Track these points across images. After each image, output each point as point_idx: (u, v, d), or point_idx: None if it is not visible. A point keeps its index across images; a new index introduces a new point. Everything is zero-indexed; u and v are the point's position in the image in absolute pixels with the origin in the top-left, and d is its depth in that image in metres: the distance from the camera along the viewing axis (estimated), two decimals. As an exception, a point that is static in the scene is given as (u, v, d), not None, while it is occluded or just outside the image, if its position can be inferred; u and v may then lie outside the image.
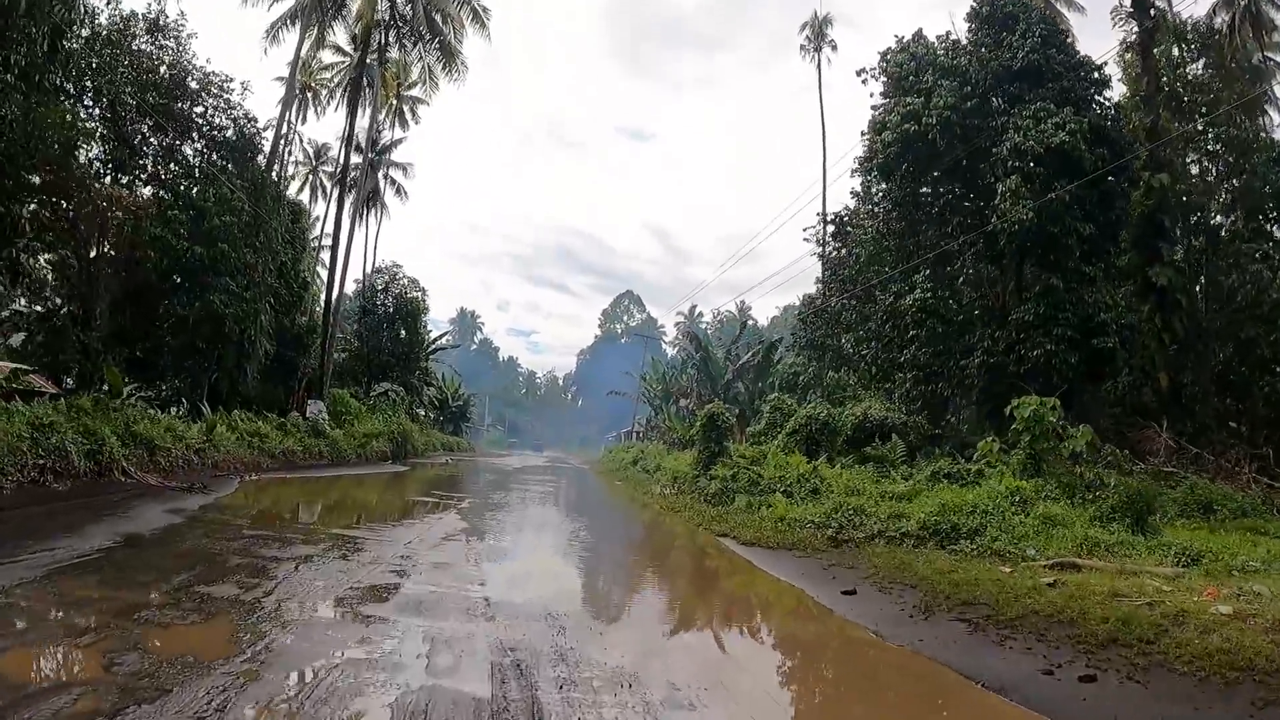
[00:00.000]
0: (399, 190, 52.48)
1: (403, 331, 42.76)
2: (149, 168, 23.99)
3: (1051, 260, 19.53)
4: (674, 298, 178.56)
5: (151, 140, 24.54)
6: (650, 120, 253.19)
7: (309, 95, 52.76)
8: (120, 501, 11.27)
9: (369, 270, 48.57)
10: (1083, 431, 13.21)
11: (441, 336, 57.38)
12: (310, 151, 54.84)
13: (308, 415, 25.47)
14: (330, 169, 47.68)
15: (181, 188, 23.14)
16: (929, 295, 20.67)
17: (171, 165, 24.84)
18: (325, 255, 48.39)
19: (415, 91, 55.96)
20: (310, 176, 54.82)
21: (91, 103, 21.84)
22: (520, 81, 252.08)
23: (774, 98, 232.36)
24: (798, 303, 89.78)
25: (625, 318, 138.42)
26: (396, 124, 55.78)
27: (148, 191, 23.53)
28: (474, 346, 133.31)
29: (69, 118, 18.37)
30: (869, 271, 26.44)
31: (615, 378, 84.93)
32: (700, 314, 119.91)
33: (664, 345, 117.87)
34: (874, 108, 23.13)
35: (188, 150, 25.58)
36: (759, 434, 23.50)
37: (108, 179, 21.81)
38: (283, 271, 32.66)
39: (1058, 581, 7.95)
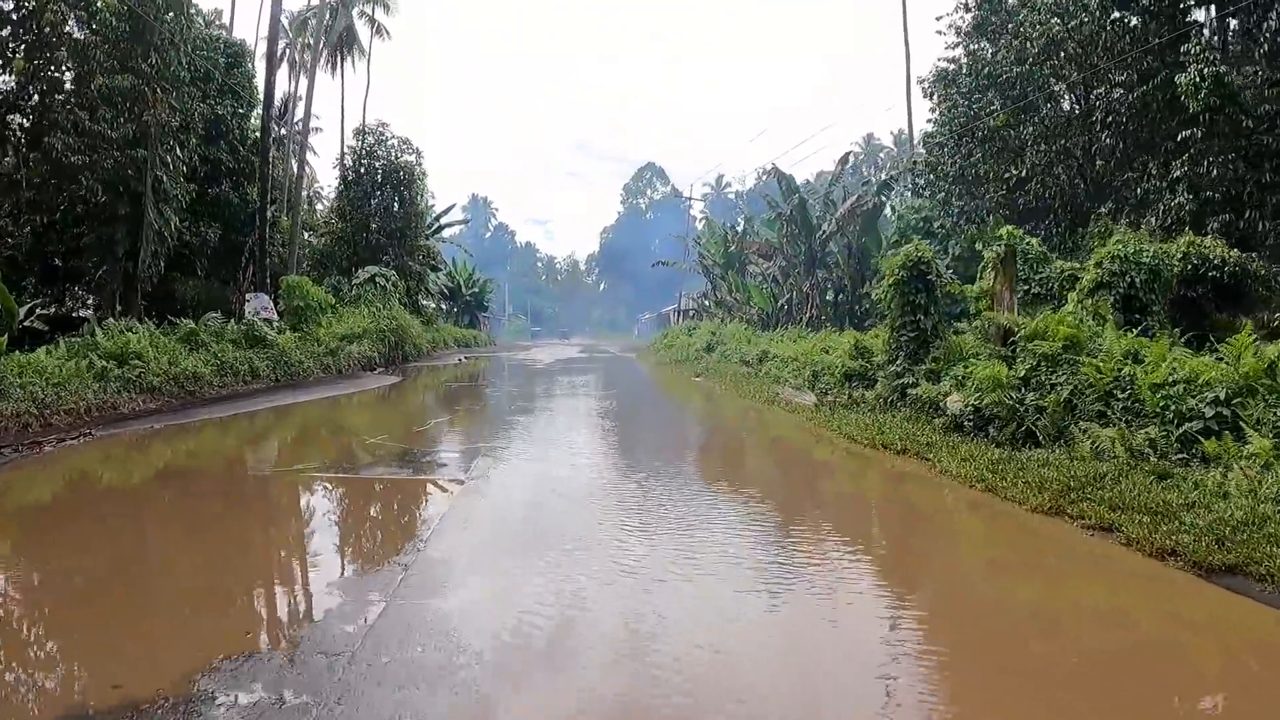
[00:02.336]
0: (379, 30, 42.88)
1: (395, 204, 34.49)
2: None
3: None
4: (694, 179, 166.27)
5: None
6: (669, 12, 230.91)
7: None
8: None
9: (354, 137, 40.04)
10: None
11: (449, 210, 49.14)
12: (285, 23, 45.34)
13: (245, 316, 17.95)
14: (310, 41, 38.25)
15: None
16: (1220, 70, 12.22)
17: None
18: (313, 139, 40.72)
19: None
20: (287, 51, 45.66)
21: None
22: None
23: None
24: (834, 167, 79.63)
25: (649, 191, 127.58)
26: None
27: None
28: (488, 234, 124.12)
29: None
30: (1046, 68, 17.98)
31: (643, 254, 76.24)
32: (728, 184, 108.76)
33: (691, 215, 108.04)
34: None
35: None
36: (977, 296, 13.62)
37: None
38: (222, 129, 24.64)
39: None
